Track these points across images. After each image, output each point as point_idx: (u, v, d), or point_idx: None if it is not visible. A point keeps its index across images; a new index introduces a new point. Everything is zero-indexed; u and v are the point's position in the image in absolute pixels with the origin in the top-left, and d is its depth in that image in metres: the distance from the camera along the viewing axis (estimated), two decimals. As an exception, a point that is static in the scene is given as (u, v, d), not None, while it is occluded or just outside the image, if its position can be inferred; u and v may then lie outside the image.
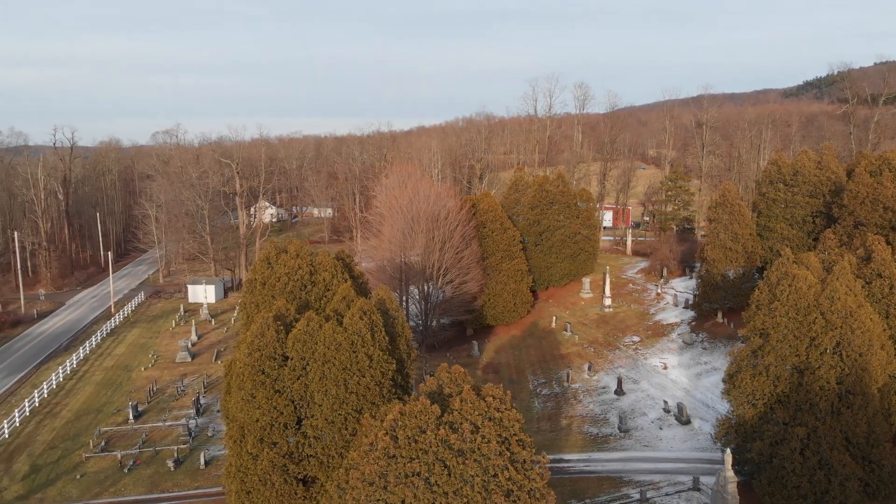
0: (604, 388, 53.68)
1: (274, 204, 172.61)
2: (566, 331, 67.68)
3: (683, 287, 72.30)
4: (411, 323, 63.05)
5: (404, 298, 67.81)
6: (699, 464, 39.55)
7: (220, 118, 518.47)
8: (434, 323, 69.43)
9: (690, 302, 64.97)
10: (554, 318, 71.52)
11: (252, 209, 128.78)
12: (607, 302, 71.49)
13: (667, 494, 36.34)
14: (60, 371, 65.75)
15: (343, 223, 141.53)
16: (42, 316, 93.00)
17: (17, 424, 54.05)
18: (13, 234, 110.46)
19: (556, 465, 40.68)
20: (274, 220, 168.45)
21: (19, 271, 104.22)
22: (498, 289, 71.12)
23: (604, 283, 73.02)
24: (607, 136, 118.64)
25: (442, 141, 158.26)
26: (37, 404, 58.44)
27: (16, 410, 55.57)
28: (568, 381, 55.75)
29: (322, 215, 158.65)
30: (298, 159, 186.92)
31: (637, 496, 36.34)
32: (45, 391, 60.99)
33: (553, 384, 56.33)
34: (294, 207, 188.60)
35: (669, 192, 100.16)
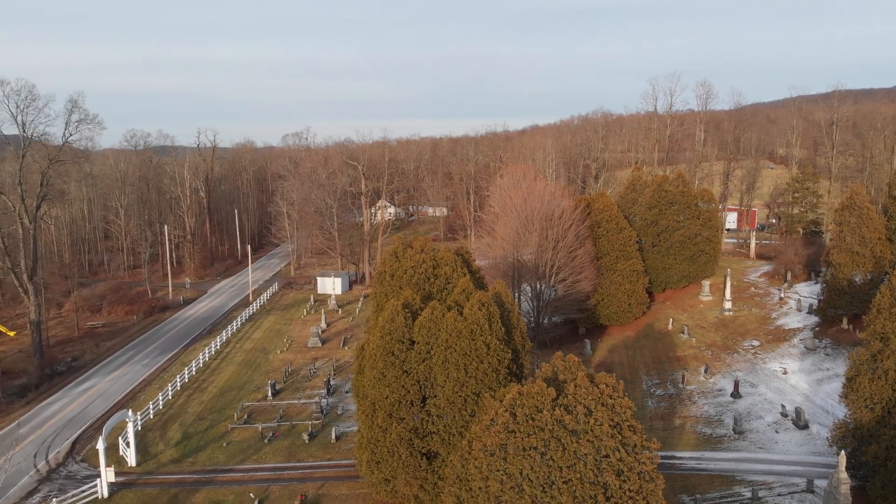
0: (720, 390, 53.39)
1: (392, 203, 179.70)
2: (683, 333, 67.23)
3: (808, 292, 69.78)
4: (523, 319, 64.95)
5: (517, 295, 69.79)
6: (814, 467, 39.11)
7: (347, 121, 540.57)
8: (546, 320, 70.93)
9: (814, 307, 62.83)
10: (670, 319, 71.09)
11: (374, 208, 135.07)
12: (727, 305, 70.22)
13: (779, 495, 36.36)
14: (206, 351, 73.04)
15: (458, 222, 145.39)
16: (187, 302, 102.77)
17: (170, 397, 60.87)
18: (162, 227, 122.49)
19: (668, 461, 41.47)
20: (391, 218, 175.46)
21: (168, 262, 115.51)
22: (612, 289, 71.54)
23: (724, 287, 71.74)
24: (731, 135, 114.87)
25: (556, 140, 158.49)
26: (186, 380, 65.40)
27: (169, 385, 62.53)
28: (683, 382, 55.81)
29: (437, 214, 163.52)
30: (416, 160, 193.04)
31: (748, 495, 36.60)
32: (194, 369, 68.09)
33: (667, 385, 56.57)
34: (410, 206, 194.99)
35: (796, 194, 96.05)
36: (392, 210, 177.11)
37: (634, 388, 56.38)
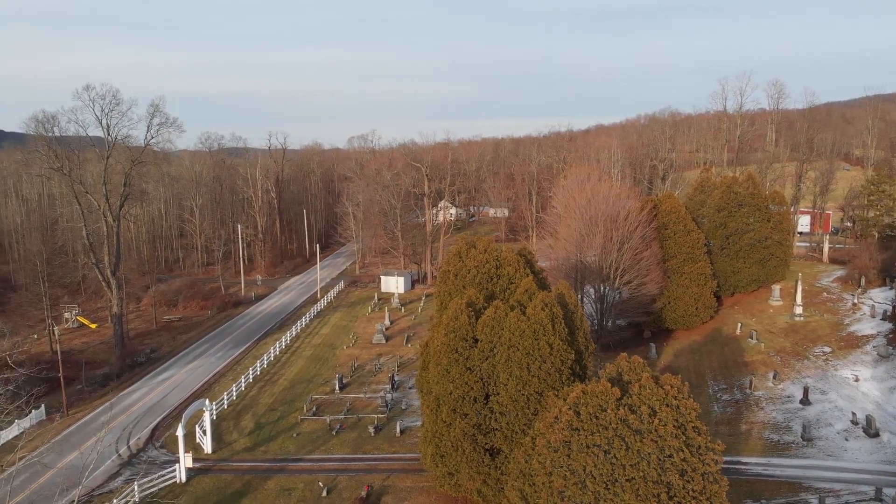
0: (788, 396, 52.09)
1: (454, 204, 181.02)
2: (751, 338, 65.67)
3: (882, 298, 67.08)
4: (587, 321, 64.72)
5: (580, 297, 69.60)
6: (885, 476, 37.90)
7: (411, 123, 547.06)
8: (609, 323, 70.48)
9: (889, 313, 60.45)
10: (739, 324, 69.54)
11: (436, 209, 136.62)
12: (798, 310, 68.17)
13: (846, 503, 35.46)
14: (276, 346, 75.73)
15: (519, 223, 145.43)
16: (259, 298, 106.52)
17: (243, 388, 63.46)
18: (235, 226, 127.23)
19: (734, 466, 40.98)
20: (453, 219, 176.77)
21: (240, 259, 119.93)
22: (679, 292, 70.51)
23: (795, 291, 69.62)
24: (804, 135, 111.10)
25: (622, 140, 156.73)
26: (258, 372, 68.02)
27: (242, 377, 65.18)
28: (750, 388, 54.68)
29: (498, 215, 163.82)
30: (477, 161, 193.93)
31: (815, 502, 35.81)
32: (265, 362, 70.75)
33: (734, 390, 55.55)
34: (472, 207, 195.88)
35: (871, 197, 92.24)
36: (453, 211, 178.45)
37: (700, 393, 55.54)
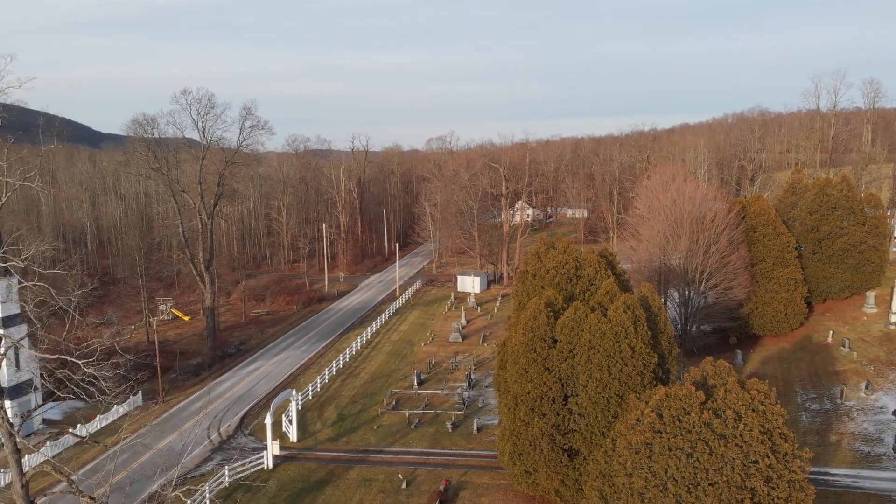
0: (881, 407, 49.55)
1: (531, 205, 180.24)
2: (843, 346, 62.67)
3: None
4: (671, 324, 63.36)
5: (663, 301, 68.17)
6: None
7: (489, 123, 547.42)
8: (694, 328, 68.76)
9: None
10: (830, 332, 66.46)
11: (513, 209, 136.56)
12: (894, 318, 64.51)
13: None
14: (358, 341, 77.86)
15: (599, 224, 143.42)
16: (341, 295, 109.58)
17: (327, 381, 65.65)
18: (319, 225, 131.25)
19: (821, 477, 39.49)
20: (530, 219, 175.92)
21: (324, 257, 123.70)
22: (767, 297, 68.06)
23: (891, 298, 65.86)
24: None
25: (708, 139, 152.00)
26: (341, 366, 70.16)
27: (325, 370, 67.42)
28: (841, 398, 52.31)
29: (576, 216, 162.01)
30: (556, 161, 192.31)
31: (913, 519, 34.11)
32: (347, 356, 72.88)
33: (824, 400, 53.28)
34: (549, 208, 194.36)
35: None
36: (531, 211, 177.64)
37: (788, 402, 53.54)
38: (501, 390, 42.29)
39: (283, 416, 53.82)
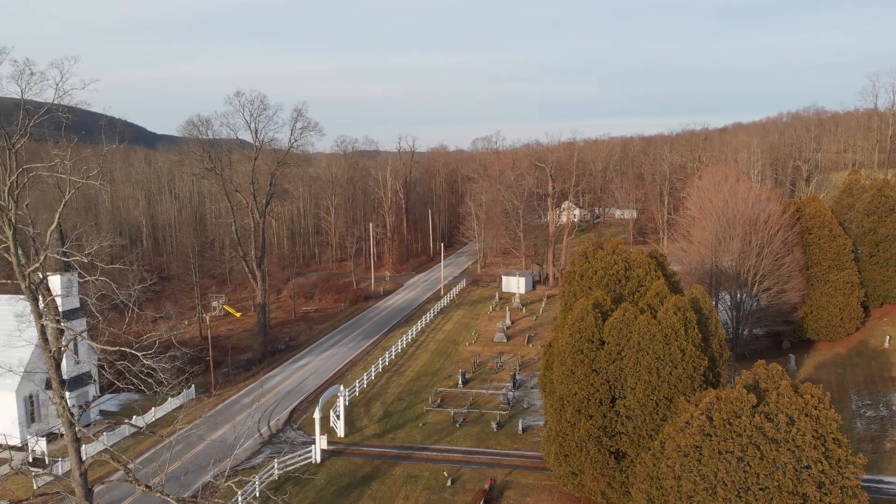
0: (945, 417, 47.71)
1: (578, 205, 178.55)
2: (903, 353, 60.54)
3: None
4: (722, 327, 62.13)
5: (714, 303, 66.87)
6: None
7: (535, 123, 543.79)
8: (745, 332, 67.32)
9: None
10: (887, 337, 64.23)
11: (560, 209, 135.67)
12: (961, 325, 62.04)
13: None
14: (403, 339, 78.58)
15: (649, 224, 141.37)
16: (387, 293, 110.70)
17: (373, 378, 66.48)
18: (367, 225, 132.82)
19: (875, 485, 38.40)
20: (577, 220, 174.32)
21: (371, 256, 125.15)
22: (822, 301, 66.17)
23: (958, 304, 63.37)
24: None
25: (762, 139, 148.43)
26: (387, 363, 70.94)
27: (372, 367, 68.26)
28: (901, 406, 50.55)
29: (625, 216, 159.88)
30: (604, 161, 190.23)
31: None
32: (393, 353, 73.64)
33: (879, 406, 51.57)
34: (597, 208, 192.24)
35: None
36: (578, 212, 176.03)
37: (843, 408, 51.96)
38: (547, 391, 42.21)
39: (331, 411, 54.74)
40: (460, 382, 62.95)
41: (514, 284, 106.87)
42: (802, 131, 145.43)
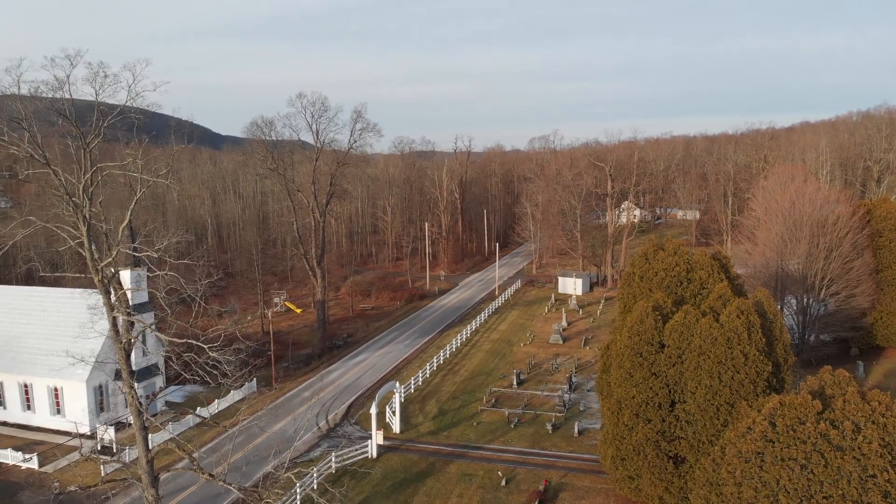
0: None
1: (639, 205, 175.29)
2: None
3: None
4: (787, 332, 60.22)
5: (779, 307, 64.85)
6: None
7: (594, 123, 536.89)
8: (812, 337, 65.05)
9: None
10: (969, 346, 61.10)
11: (619, 210, 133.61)
12: None
13: None
14: (457, 338, 78.90)
15: (712, 226, 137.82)
16: (441, 293, 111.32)
17: (428, 376, 67.00)
18: (422, 224, 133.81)
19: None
20: (637, 220, 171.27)
21: (426, 255, 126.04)
22: (893, 306, 63.37)
23: None
24: None
25: (831, 138, 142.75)
26: (441, 362, 71.39)
27: (427, 365, 68.79)
28: (984, 419, 47.94)
29: (687, 217, 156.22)
30: (666, 161, 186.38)
31: None
32: (447, 352, 74.05)
33: (962, 420, 49.02)
34: (658, 209, 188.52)
35: None
36: (638, 212, 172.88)
37: (919, 421, 49.63)
38: (604, 394, 41.78)
39: (387, 407, 55.48)
40: (515, 383, 62.84)
41: (571, 286, 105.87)
42: (873, 131, 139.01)
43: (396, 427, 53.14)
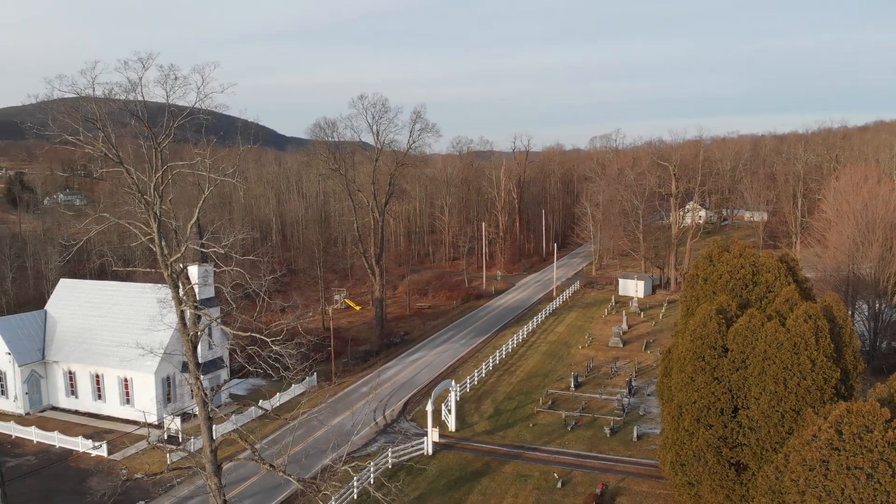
0: None
1: (704, 206, 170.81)
2: None
3: None
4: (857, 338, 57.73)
5: (850, 313, 62.21)
6: None
7: (658, 121, 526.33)
8: (884, 345, 62.22)
9: None
10: None
11: (683, 210, 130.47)
12: None
13: None
14: (514, 339, 78.71)
15: (780, 228, 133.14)
16: (498, 293, 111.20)
17: (483, 375, 67.08)
18: (479, 224, 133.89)
19: None
20: (702, 221, 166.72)
21: (483, 255, 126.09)
22: (978, 314, 60.00)
23: None
24: None
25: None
26: (497, 362, 71.36)
27: (483, 364, 68.87)
28: None
29: (755, 219, 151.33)
30: (733, 160, 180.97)
31: None
32: (503, 353, 73.96)
33: None
34: (724, 210, 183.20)
35: None
36: (703, 213, 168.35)
37: None
38: (665, 398, 40.99)
39: (443, 405, 55.83)
40: (572, 385, 62.26)
41: (632, 288, 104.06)
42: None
43: (452, 425, 53.43)
